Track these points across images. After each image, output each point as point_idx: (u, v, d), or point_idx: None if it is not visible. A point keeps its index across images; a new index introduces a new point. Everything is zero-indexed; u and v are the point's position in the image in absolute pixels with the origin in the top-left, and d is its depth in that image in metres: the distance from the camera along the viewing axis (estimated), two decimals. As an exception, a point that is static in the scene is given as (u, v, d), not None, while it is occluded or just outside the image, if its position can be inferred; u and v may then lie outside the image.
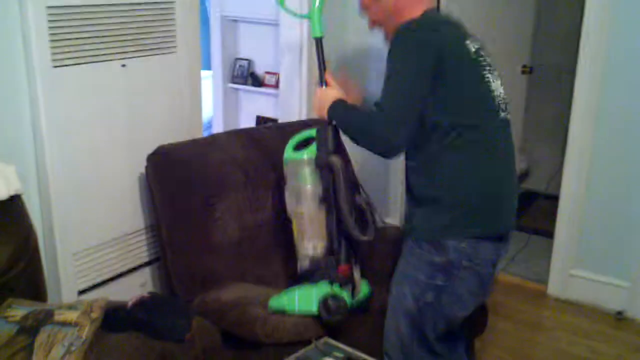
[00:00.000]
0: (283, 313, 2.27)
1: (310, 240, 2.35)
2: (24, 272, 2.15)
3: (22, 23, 2.25)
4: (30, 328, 1.90)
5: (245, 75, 4.60)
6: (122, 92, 2.62)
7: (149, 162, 2.56)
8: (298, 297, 2.27)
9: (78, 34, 2.41)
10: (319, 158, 2.30)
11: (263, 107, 4.55)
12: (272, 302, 2.31)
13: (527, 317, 3.46)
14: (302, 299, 2.25)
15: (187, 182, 2.57)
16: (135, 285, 2.79)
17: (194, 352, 2.07)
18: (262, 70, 4.58)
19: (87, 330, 1.93)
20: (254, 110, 4.62)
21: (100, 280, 2.66)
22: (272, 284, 2.61)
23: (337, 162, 2.25)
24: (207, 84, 4.68)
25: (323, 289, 2.23)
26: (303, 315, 2.25)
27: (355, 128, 2.07)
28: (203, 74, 3.30)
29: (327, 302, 2.19)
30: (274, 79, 4.42)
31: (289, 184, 2.43)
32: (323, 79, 2.31)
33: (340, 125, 2.18)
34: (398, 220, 3.77)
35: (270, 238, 2.73)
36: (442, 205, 2.02)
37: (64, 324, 1.92)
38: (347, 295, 2.24)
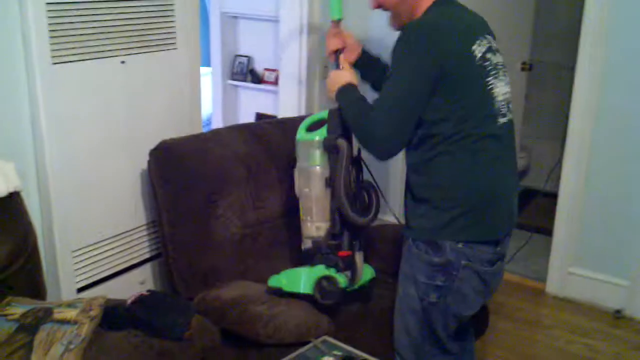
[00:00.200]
0: (280, 291, 2.35)
1: (314, 222, 2.38)
2: (23, 269, 2.15)
3: (21, 20, 2.24)
4: (30, 326, 1.89)
5: (245, 72, 4.60)
6: (121, 88, 2.61)
7: (151, 156, 2.55)
8: (295, 277, 2.35)
9: (78, 31, 2.40)
10: (328, 140, 2.32)
11: (262, 104, 4.55)
12: (270, 281, 2.40)
13: (525, 315, 3.46)
14: (298, 280, 2.33)
15: (189, 177, 2.56)
16: (135, 283, 2.78)
17: (193, 350, 2.07)
18: (261, 67, 4.58)
19: (86, 329, 1.93)
20: (254, 107, 4.62)
21: (100, 278, 2.66)
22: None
23: (343, 145, 2.27)
24: (206, 81, 4.68)
25: (319, 272, 2.30)
26: (304, 316, 2.26)
27: (356, 121, 2.09)
28: (202, 71, 3.30)
29: (321, 284, 2.26)
30: (274, 76, 4.42)
31: (299, 164, 2.44)
32: (338, 62, 2.32)
33: (343, 111, 2.20)
34: (395, 219, 3.75)
35: (273, 235, 2.72)
36: (439, 207, 2.01)
37: (63, 322, 1.92)
38: (342, 280, 2.29)
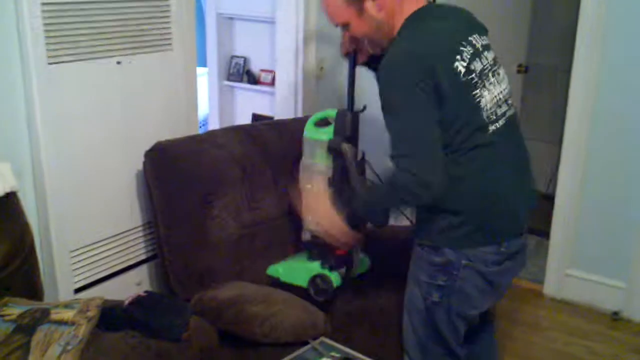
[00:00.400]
0: (277, 281, 2.50)
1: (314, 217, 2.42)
2: (20, 270, 2.14)
3: (17, 20, 2.23)
4: (27, 327, 1.88)
5: (241, 73, 4.60)
6: (117, 89, 2.60)
7: (147, 158, 2.55)
8: (293, 270, 2.49)
9: (73, 31, 2.39)
10: (333, 142, 2.36)
11: (259, 104, 4.55)
12: (269, 270, 2.53)
13: (523, 317, 3.46)
14: (295, 273, 2.47)
15: (185, 178, 2.55)
16: (132, 283, 2.77)
17: (191, 351, 2.07)
18: (257, 68, 4.57)
19: (83, 329, 1.92)
20: (250, 108, 4.61)
21: (97, 278, 2.64)
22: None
23: (347, 149, 2.32)
24: (202, 82, 4.67)
25: (315, 269, 2.41)
26: (301, 316, 2.27)
27: (392, 201, 2.05)
28: (199, 71, 3.29)
29: (315, 282, 2.40)
30: (270, 77, 4.41)
31: (304, 160, 2.52)
32: (354, 64, 2.34)
33: (378, 210, 2.12)
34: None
35: (269, 236, 2.72)
36: (437, 214, 2.02)
37: (61, 323, 1.91)
38: (335, 279, 2.39)
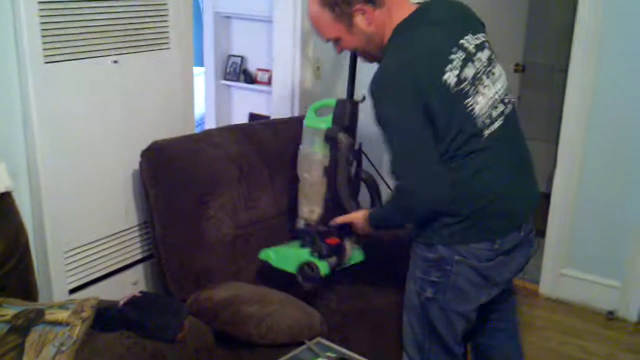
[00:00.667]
0: (269, 265, 2.50)
1: (309, 205, 2.50)
2: (14, 270, 2.13)
3: (13, 19, 2.22)
4: (21, 327, 1.88)
5: (238, 72, 4.59)
6: (114, 88, 2.59)
7: (143, 157, 2.54)
8: (285, 256, 2.49)
9: (70, 30, 2.38)
10: (330, 131, 2.39)
11: (256, 104, 4.54)
12: (262, 254, 2.53)
13: (518, 316, 3.45)
14: (287, 259, 2.47)
15: (181, 178, 2.55)
16: (128, 284, 2.77)
17: (186, 351, 2.06)
18: (254, 67, 4.56)
19: (78, 330, 1.91)
20: (247, 107, 4.61)
21: (92, 279, 2.64)
22: (266, 283, 2.60)
23: (343, 138, 2.35)
24: (199, 81, 4.66)
25: (304, 256, 2.42)
26: (297, 316, 2.27)
27: (402, 215, 2.11)
28: (196, 71, 3.28)
29: (303, 269, 2.39)
30: (267, 76, 4.40)
31: (302, 147, 2.54)
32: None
33: (392, 224, 2.27)
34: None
35: (265, 236, 2.71)
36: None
37: (55, 324, 1.90)
38: (323, 268, 2.38)
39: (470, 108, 1.94)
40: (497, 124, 2.00)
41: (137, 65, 2.67)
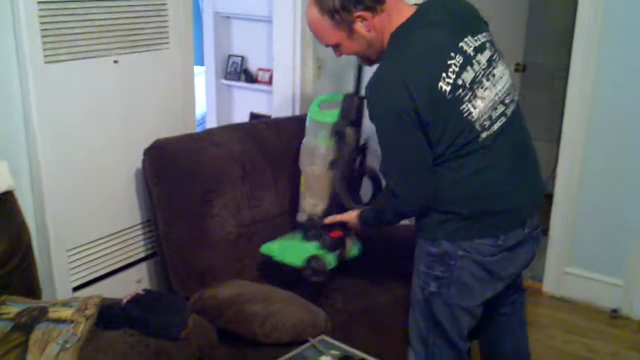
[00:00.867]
0: (270, 259, 2.48)
1: (312, 198, 2.50)
2: (18, 268, 2.13)
3: (13, 19, 2.21)
4: (25, 325, 1.88)
5: (239, 72, 4.59)
6: (114, 88, 2.59)
7: (146, 156, 2.54)
8: (288, 249, 2.47)
9: (70, 30, 2.38)
10: (337, 125, 2.39)
11: (256, 103, 4.54)
12: (263, 248, 2.51)
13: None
14: (291, 252, 2.45)
15: (184, 176, 2.54)
16: (131, 282, 2.76)
17: (190, 350, 2.06)
18: (255, 67, 4.56)
19: (82, 328, 1.91)
20: (248, 107, 4.60)
21: (95, 277, 2.63)
22: (270, 281, 2.59)
23: (350, 133, 2.37)
24: (200, 80, 4.66)
25: (312, 250, 2.40)
26: (301, 315, 2.26)
27: (390, 213, 2.16)
28: (196, 70, 3.28)
29: (311, 263, 2.38)
30: (267, 76, 4.40)
31: (307, 140, 2.53)
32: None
33: (380, 222, 2.31)
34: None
35: (268, 234, 2.70)
36: (432, 210, 2.06)
37: (59, 321, 1.90)
38: (332, 260, 2.40)
39: (467, 113, 1.93)
40: (497, 125, 1.99)
41: (137, 65, 2.67)
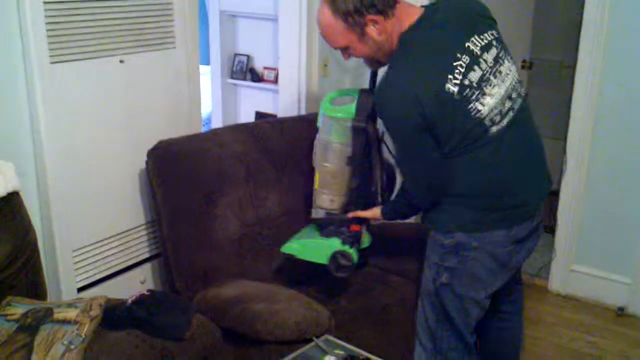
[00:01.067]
0: (293, 258, 2.46)
1: (329, 194, 2.50)
2: (23, 269, 2.14)
3: (19, 19, 2.23)
4: (30, 326, 1.89)
5: (245, 71, 4.59)
6: (120, 87, 2.60)
7: (150, 157, 2.54)
8: (311, 247, 2.45)
9: (75, 30, 2.39)
10: (357, 121, 2.38)
11: (262, 102, 4.54)
12: (284, 247, 2.49)
13: (528, 312, 3.43)
14: (314, 250, 2.43)
15: (188, 177, 2.55)
16: (136, 282, 2.78)
17: (194, 350, 2.06)
18: (261, 66, 4.56)
19: (86, 329, 1.92)
20: (253, 106, 4.60)
21: (100, 277, 2.64)
22: (274, 281, 2.60)
23: (371, 130, 2.38)
24: (206, 80, 4.67)
25: (335, 245, 2.39)
26: (304, 313, 2.26)
27: (407, 205, 2.27)
28: (202, 70, 3.28)
29: (337, 259, 2.37)
30: (273, 75, 4.40)
31: (320, 136, 2.52)
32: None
33: (402, 215, 2.39)
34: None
35: (272, 234, 2.71)
36: (446, 203, 2.09)
37: (64, 322, 1.91)
38: (355, 256, 2.40)
39: (476, 110, 1.95)
40: (506, 119, 2.02)
41: (143, 65, 2.68)
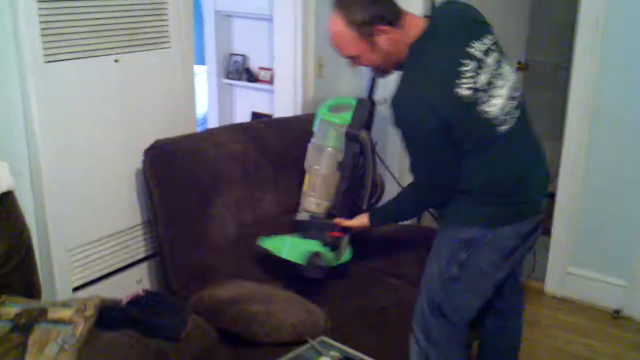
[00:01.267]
0: (268, 253, 2.47)
1: (316, 198, 2.55)
2: (18, 269, 2.12)
3: (13, 18, 2.21)
4: (24, 326, 1.87)
5: (240, 71, 4.58)
6: (115, 87, 2.58)
7: (146, 156, 2.53)
8: (289, 245, 2.47)
9: (70, 29, 2.37)
10: (351, 128, 2.45)
11: (258, 102, 4.53)
12: (263, 242, 2.50)
13: (524, 315, 3.42)
14: (292, 249, 2.45)
15: (184, 176, 2.54)
16: (131, 282, 2.75)
17: (190, 350, 2.05)
18: (256, 66, 4.55)
19: (81, 329, 1.90)
20: (249, 106, 4.60)
21: (96, 277, 2.63)
22: (270, 281, 2.59)
23: (366, 138, 2.45)
24: (201, 80, 4.66)
25: (314, 247, 2.43)
26: (301, 315, 2.25)
27: (411, 212, 2.45)
28: (197, 69, 3.27)
29: (313, 259, 2.41)
30: (269, 75, 4.39)
31: (315, 141, 2.59)
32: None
33: (398, 220, 2.56)
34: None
35: (269, 234, 2.69)
36: (461, 198, 2.15)
37: (58, 322, 1.89)
38: (332, 258, 2.45)
39: (487, 112, 2.04)
40: (511, 119, 2.10)
41: (138, 65, 2.66)
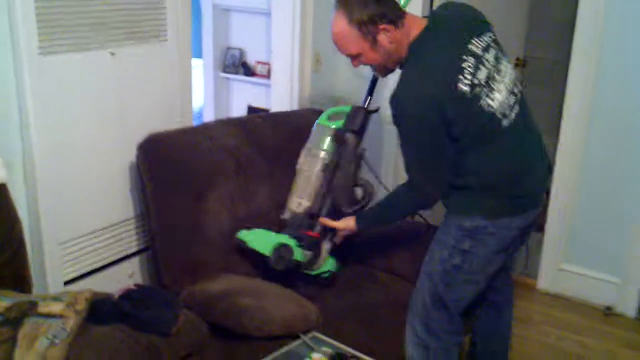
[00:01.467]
0: (243, 245, 2.52)
1: (298, 197, 2.59)
2: (9, 262, 2.12)
3: (8, 9, 2.20)
4: (14, 320, 1.86)
5: (237, 65, 4.58)
6: (111, 80, 2.58)
7: (140, 150, 2.52)
8: (261, 238, 2.51)
9: (66, 21, 2.36)
10: (340, 131, 2.53)
11: (255, 96, 4.53)
12: (240, 234, 2.54)
13: (516, 311, 3.40)
14: (262, 240, 2.49)
15: (178, 171, 2.54)
16: (124, 276, 2.75)
17: (181, 345, 2.05)
18: (253, 60, 4.55)
19: (72, 323, 1.90)
20: (246, 100, 4.60)
21: (87, 271, 2.63)
22: (262, 276, 2.59)
23: (351, 139, 2.50)
24: (198, 73, 4.65)
25: (281, 238, 2.48)
26: (292, 309, 2.26)
27: (400, 214, 2.43)
28: (194, 63, 3.27)
29: (278, 250, 2.44)
30: (266, 69, 4.39)
31: (308, 144, 2.64)
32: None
33: (383, 223, 2.56)
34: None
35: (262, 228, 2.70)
36: (466, 190, 2.19)
37: (49, 316, 1.89)
38: (299, 253, 2.46)
39: (487, 106, 2.06)
40: (513, 113, 2.14)
41: (134, 58, 2.66)
